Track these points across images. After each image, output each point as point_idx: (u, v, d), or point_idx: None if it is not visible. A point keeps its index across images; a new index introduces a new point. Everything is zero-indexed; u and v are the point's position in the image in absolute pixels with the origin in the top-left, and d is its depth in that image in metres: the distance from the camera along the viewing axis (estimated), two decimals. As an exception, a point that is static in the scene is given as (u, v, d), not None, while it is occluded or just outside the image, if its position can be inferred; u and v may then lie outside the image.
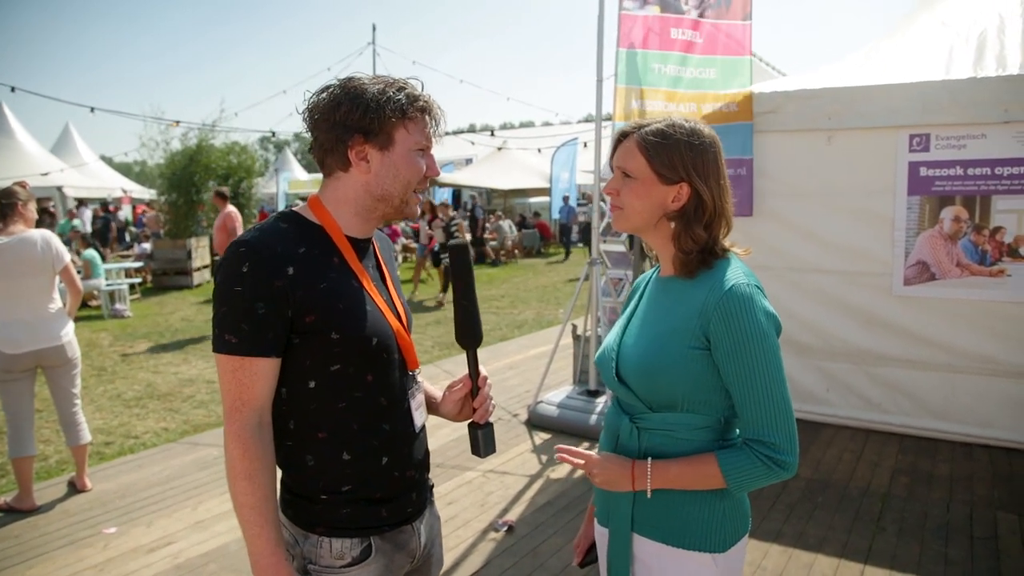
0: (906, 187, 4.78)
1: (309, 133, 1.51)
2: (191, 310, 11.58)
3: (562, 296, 12.70)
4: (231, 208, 9.54)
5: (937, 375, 4.85)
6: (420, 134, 1.50)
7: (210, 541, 3.76)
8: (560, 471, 4.65)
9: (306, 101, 1.50)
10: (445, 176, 20.46)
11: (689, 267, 1.54)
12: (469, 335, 1.58)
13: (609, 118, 5.42)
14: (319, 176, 1.70)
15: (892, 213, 4.84)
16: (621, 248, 6.95)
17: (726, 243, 1.58)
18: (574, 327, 6.26)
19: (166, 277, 14.16)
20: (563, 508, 4.10)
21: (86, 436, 4.42)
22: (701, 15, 5.17)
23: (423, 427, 1.62)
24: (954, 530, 3.74)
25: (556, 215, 21.61)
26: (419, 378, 1.62)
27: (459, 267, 1.57)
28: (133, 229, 15.22)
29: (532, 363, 7.63)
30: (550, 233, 22.43)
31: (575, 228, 20.22)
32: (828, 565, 3.41)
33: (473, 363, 1.60)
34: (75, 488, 4.42)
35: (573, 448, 1.56)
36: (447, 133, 1.66)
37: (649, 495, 1.48)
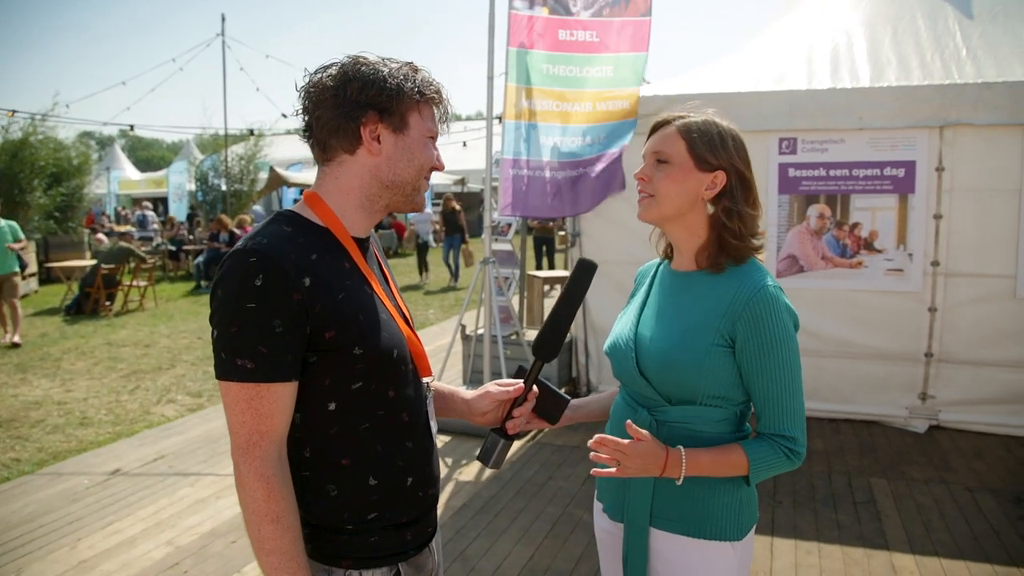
0: (777, 186, 5.19)
1: (303, 114, 1.37)
2: (22, 324, 10.31)
3: (430, 298, 12.62)
4: None
5: (806, 360, 5.21)
6: (432, 121, 1.43)
7: (100, 581, 3.39)
8: (469, 473, 4.62)
9: (305, 77, 1.36)
10: (294, 175, 19.33)
11: (729, 253, 1.53)
12: (549, 347, 1.55)
13: (499, 117, 5.44)
14: (154, 175, 1.53)
15: (765, 210, 5.22)
16: (508, 247, 7.04)
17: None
18: (463, 327, 6.23)
19: (-18, 288, 12.53)
20: (480, 510, 4.07)
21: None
22: (597, 14, 5.26)
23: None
24: (839, 498, 4.11)
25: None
26: (431, 386, 1.55)
27: (578, 283, 1.54)
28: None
29: (415, 365, 7.49)
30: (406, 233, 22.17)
31: (419, 235, 14.91)
32: (741, 541, 3.64)
33: (535, 375, 1.57)
34: (-84, 536, 3.82)
35: (612, 438, 1.45)
36: (297, 131, 1.52)
37: (679, 483, 1.49)
